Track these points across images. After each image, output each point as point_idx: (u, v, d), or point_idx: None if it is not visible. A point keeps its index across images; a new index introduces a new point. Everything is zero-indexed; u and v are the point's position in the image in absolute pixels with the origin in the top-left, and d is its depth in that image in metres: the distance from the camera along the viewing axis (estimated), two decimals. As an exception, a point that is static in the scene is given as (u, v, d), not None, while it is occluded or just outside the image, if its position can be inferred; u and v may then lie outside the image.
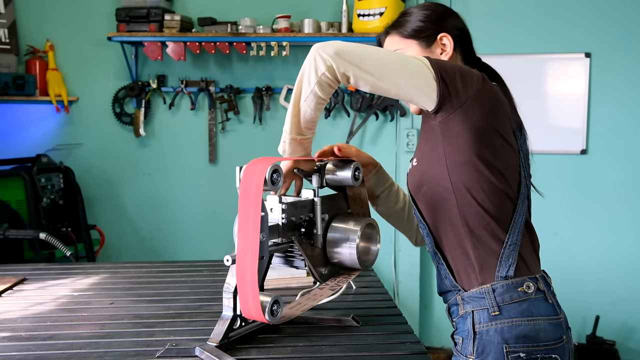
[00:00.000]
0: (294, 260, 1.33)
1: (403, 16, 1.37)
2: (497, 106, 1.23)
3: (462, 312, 1.22)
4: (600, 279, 3.42)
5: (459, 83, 1.16)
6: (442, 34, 1.32)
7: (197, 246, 3.67)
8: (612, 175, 3.39)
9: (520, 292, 1.18)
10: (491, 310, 1.17)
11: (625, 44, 3.33)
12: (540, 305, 1.18)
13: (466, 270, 1.22)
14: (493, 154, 1.21)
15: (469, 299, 1.21)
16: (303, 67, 1.18)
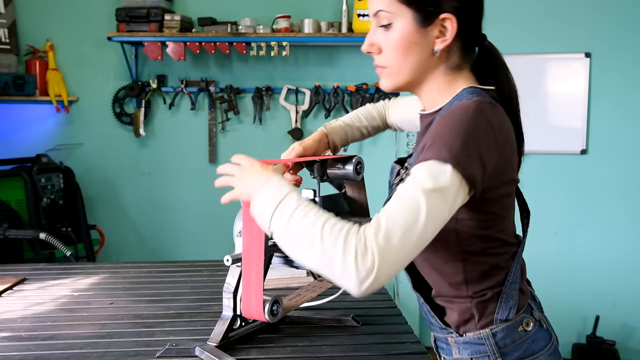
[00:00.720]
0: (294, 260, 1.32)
1: None
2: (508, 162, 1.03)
3: (457, 356, 1.12)
4: (600, 279, 3.42)
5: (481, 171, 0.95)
6: (446, 14, 1.02)
7: (197, 246, 3.67)
8: (612, 175, 3.39)
9: (521, 332, 1.09)
10: (492, 357, 1.08)
11: (625, 44, 3.33)
12: (539, 338, 1.12)
13: (461, 313, 1.10)
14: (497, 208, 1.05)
15: (467, 345, 1.10)
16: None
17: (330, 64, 3.55)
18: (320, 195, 1.31)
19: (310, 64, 3.55)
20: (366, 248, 0.85)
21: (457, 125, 0.94)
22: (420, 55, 1.04)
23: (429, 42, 1.03)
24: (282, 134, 3.57)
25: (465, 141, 0.92)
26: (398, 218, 0.87)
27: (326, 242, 0.87)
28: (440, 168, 0.90)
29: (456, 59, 1.07)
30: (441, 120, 0.99)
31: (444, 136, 0.93)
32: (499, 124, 0.99)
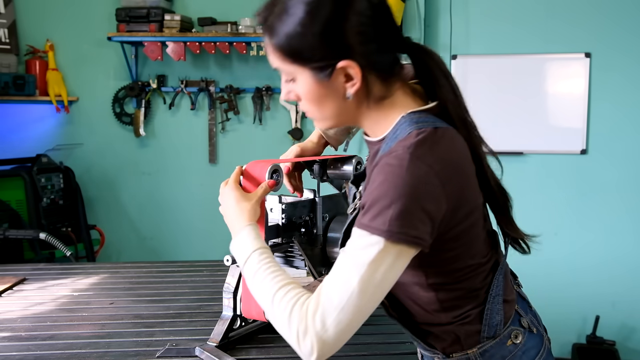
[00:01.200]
0: (294, 260, 1.33)
1: (272, 14, 0.95)
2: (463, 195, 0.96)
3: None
4: (600, 279, 3.42)
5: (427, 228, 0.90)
6: (342, 63, 0.92)
7: (197, 246, 3.67)
8: (612, 175, 3.38)
9: (510, 347, 1.05)
10: None
11: (625, 44, 3.33)
12: (530, 347, 1.08)
13: (445, 336, 1.06)
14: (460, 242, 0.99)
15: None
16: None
17: (330, 64, 3.54)
18: (320, 195, 1.31)
19: (310, 64, 3.55)
20: (306, 330, 0.89)
21: (392, 188, 0.88)
22: (335, 102, 0.97)
23: (338, 89, 0.95)
24: (282, 134, 3.57)
25: (403, 205, 0.87)
26: (334, 297, 0.88)
27: (276, 314, 0.93)
28: (374, 240, 0.87)
29: (379, 89, 0.98)
30: (377, 175, 0.91)
31: (380, 201, 0.88)
32: (442, 160, 0.91)
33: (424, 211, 0.88)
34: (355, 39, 0.92)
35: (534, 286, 3.73)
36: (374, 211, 0.88)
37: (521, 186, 3.42)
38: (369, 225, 0.88)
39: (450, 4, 3.40)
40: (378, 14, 0.94)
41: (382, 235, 0.87)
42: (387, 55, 0.97)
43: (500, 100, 3.41)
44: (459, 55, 3.42)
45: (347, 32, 0.91)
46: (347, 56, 0.92)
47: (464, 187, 0.96)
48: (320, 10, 0.91)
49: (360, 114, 1.00)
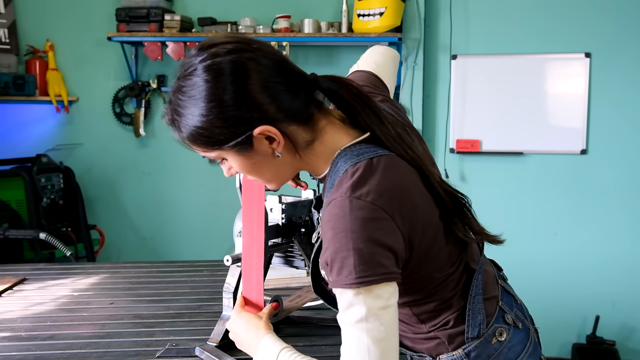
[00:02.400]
0: (294, 260, 1.33)
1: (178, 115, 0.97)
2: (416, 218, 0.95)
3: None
4: (600, 279, 3.42)
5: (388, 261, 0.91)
6: (257, 129, 0.92)
7: (197, 246, 3.67)
8: (612, 175, 3.39)
9: (495, 344, 1.06)
10: None
11: (625, 44, 3.33)
12: (516, 343, 1.09)
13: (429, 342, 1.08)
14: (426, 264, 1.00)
15: None
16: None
17: (330, 64, 3.54)
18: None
19: (310, 64, 3.55)
20: None
21: (343, 238, 0.88)
22: (269, 165, 0.98)
23: (266, 153, 0.96)
24: (282, 134, 3.57)
25: (360, 250, 0.87)
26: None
27: None
28: (352, 293, 0.88)
29: (304, 135, 0.97)
30: (326, 229, 0.91)
31: (338, 254, 0.89)
32: (383, 191, 0.91)
33: (382, 246, 0.89)
34: (261, 103, 0.91)
35: (534, 286, 3.75)
36: (337, 266, 0.89)
37: (521, 186, 3.42)
38: (338, 282, 0.89)
39: (450, 4, 3.40)
40: (274, 71, 0.93)
41: (355, 287, 0.87)
42: (298, 101, 0.95)
43: (500, 101, 3.41)
44: (459, 55, 3.42)
45: (250, 101, 0.91)
46: (258, 122, 0.92)
47: (414, 209, 0.95)
48: (221, 94, 0.90)
49: (297, 163, 1.01)
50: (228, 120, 0.91)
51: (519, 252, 3.41)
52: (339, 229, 0.89)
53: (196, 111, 0.92)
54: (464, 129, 3.43)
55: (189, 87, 0.93)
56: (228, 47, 0.92)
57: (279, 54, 0.98)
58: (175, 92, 0.96)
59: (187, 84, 0.93)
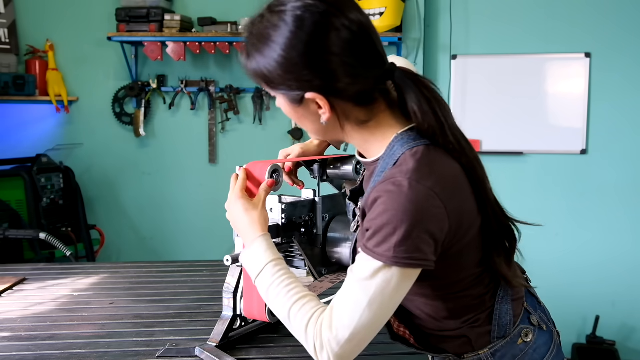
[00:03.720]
0: (294, 260, 1.33)
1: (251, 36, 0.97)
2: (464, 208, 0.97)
3: None
4: (600, 279, 3.42)
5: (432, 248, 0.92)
6: (310, 95, 0.94)
7: (197, 246, 3.67)
8: (611, 175, 3.38)
9: (521, 345, 1.07)
10: None
11: (625, 44, 3.33)
12: (541, 344, 1.10)
13: (455, 341, 1.08)
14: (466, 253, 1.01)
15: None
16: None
17: (330, 64, 3.54)
18: (320, 195, 1.31)
19: (310, 64, 3.55)
20: (322, 346, 0.93)
21: (394, 215, 0.89)
22: (313, 123, 1.00)
23: (313, 114, 0.98)
24: (282, 134, 3.57)
25: (406, 231, 0.88)
26: (345, 317, 0.92)
27: (293, 327, 0.98)
28: (380, 266, 0.90)
29: (358, 114, 0.99)
30: (378, 202, 0.92)
31: (383, 228, 0.90)
32: (441, 179, 0.93)
33: (427, 233, 0.90)
34: (325, 74, 0.92)
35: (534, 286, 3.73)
36: (378, 238, 0.90)
37: (521, 186, 3.42)
38: (373, 251, 0.90)
39: (450, 4, 3.40)
40: (353, 49, 0.93)
41: (388, 262, 0.89)
42: (363, 84, 0.95)
43: (500, 101, 3.41)
44: (459, 55, 3.42)
45: (316, 68, 0.92)
46: (316, 89, 0.94)
47: (464, 203, 0.97)
48: (293, 47, 0.91)
49: (345, 134, 1.02)
50: (289, 74, 0.93)
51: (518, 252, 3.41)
52: (391, 206, 0.89)
53: (266, 52, 0.94)
54: (464, 129, 3.38)
55: (270, 25, 0.93)
56: (322, 8, 0.91)
57: (370, 28, 0.95)
58: (256, 23, 0.96)
59: (271, 21, 0.93)
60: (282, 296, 0.99)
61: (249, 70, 0.99)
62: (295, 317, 0.96)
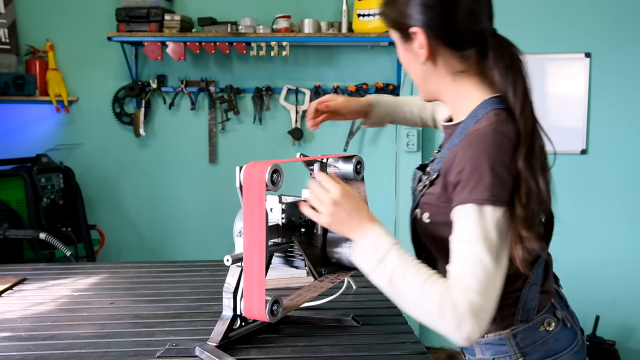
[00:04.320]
0: (294, 260, 1.33)
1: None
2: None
3: (480, 356, 1.15)
4: (600, 278, 3.42)
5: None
6: (412, 29, 1.08)
7: (197, 246, 3.67)
8: (612, 175, 3.39)
9: (542, 332, 1.12)
10: (514, 357, 1.11)
11: (625, 44, 3.33)
12: (562, 337, 1.14)
13: None
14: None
15: (488, 346, 1.13)
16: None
17: (330, 64, 3.55)
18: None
19: (310, 64, 3.55)
20: (463, 317, 0.93)
21: (483, 160, 0.98)
22: (418, 66, 1.12)
23: (417, 54, 1.10)
24: (282, 134, 3.57)
25: (494, 173, 0.97)
26: (473, 280, 0.95)
27: (425, 306, 0.97)
28: (482, 210, 0.97)
29: (455, 63, 1.10)
30: (464, 151, 1.02)
31: (474, 174, 0.98)
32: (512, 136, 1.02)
33: (509, 175, 0.99)
34: (432, 13, 1.05)
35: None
36: (471, 184, 0.98)
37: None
38: (470, 198, 0.97)
39: (450, 4, 3.40)
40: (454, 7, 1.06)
41: (486, 203, 0.97)
42: (471, 31, 1.07)
43: (500, 100, 3.40)
44: (459, 55, 3.42)
45: (425, 6, 1.05)
46: (419, 24, 1.06)
47: None
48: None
49: (441, 85, 1.12)
50: (399, 6, 1.09)
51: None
52: (480, 151, 0.99)
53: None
54: (464, 129, 3.43)
55: None
56: None
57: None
58: None
59: None
60: (410, 277, 0.98)
61: (388, 21, 1.13)
62: (427, 296, 0.96)
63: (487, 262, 0.95)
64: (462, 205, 0.98)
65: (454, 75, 1.10)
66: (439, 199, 1.08)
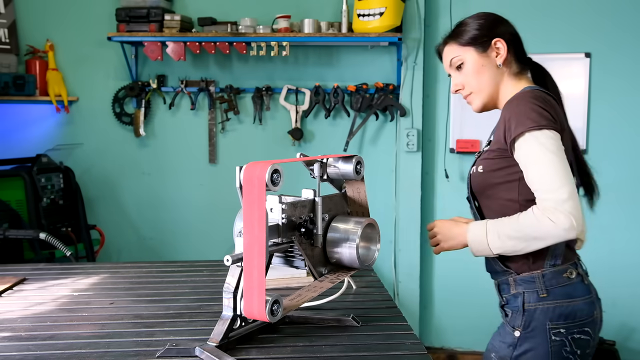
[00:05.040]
0: (294, 260, 1.33)
1: (460, 27, 1.56)
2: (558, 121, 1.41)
3: (514, 291, 1.44)
4: (600, 278, 3.40)
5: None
6: (496, 39, 1.51)
7: (197, 246, 3.68)
8: (611, 175, 3.38)
9: (565, 278, 1.42)
10: (540, 292, 1.40)
11: (625, 44, 3.33)
12: (578, 288, 1.43)
13: (518, 258, 1.42)
14: None
15: (521, 282, 1.43)
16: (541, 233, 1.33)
17: (330, 64, 3.55)
18: (320, 195, 1.31)
19: (310, 64, 3.56)
20: (556, 217, 1.27)
21: (523, 106, 1.38)
22: (490, 71, 1.51)
23: (491, 61, 1.52)
24: (282, 134, 3.57)
25: (538, 110, 1.36)
26: (549, 182, 1.29)
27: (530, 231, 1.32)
28: (534, 135, 1.33)
29: (515, 67, 1.53)
30: (508, 106, 1.42)
31: (520, 115, 1.36)
32: (544, 96, 1.43)
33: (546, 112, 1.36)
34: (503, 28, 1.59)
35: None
36: (521, 121, 1.35)
37: (521, 186, 3.41)
38: (522, 130, 1.33)
39: (450, 4, 3.41)
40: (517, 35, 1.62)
41: (535, 128, 1.33)
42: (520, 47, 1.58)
43: (500, 100, 3.41)
44: (459, 55, 3.42)
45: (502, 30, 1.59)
46: (500, 36, 1.53)
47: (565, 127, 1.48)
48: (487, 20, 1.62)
49: (502, 85, 1.52)
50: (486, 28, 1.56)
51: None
52: (520, 101, 1.40)
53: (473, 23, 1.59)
54: (464, 129, 3.43)
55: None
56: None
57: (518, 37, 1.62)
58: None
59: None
60: (511, 226, 1.34)
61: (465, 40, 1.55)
62: (523, 226, 1.32)
63: (556, 167, 1.28)
64: (519, 138, 1.34)
65: (513, 75, 1.53)
66: (491, 153, 1.43)
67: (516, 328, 1.42)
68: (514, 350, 1.41)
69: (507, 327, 1.44)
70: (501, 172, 1.41)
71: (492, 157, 1.43)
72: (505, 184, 1.41)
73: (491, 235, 1.36)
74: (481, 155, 1.49)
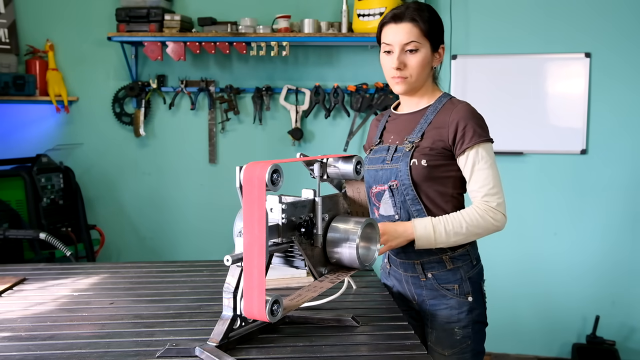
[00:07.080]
0: (294, 260, 1.33)
1: (426, 12, 1.63)
2: None
3: (451, 266, 1.64)
4: (599, 279, 3.42)
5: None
6: (442, 45, 1.68)
7: (197, 246, 3.68)
8: (612, 175, 3.39)
9: (475, 244, 1.70)
10: (474, 262, 1.67)
11: (625, 45, 3.33)
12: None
13: None
14: None
15: (458, 257, 1.65)
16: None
17: (330, 64, 3.55)
18: (320, 195, 1.31)
19: (310, 64, 3.56)
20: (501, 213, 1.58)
21: (475, 119, 1.60)
22: (428, 68, 1.66)
23: (432, 62, 1.66)
24: (282, 134, 3.57)
25: (484, 127, 1.61)
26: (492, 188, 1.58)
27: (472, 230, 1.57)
28: (485, 146, 1.58)
29: (433, 72, 1.72)
30: (456, 113, 1.60)
31: (471, 126, 1.57)
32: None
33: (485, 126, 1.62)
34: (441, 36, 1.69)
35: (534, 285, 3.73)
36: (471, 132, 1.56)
37: (521, 186, 3.42)
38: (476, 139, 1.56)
39: (450, 4, 3.41)
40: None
41: (484, 141, 1.57)
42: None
43: (500, 100, 3.41)
44: (459, 55, 3.42)
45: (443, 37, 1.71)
46: (442, 42, 1.69)
47: None
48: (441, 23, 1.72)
49: (424, 84, 1.68)
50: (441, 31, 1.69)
51: (519, 252, 3.41)
52: (471, 114, 1.60)
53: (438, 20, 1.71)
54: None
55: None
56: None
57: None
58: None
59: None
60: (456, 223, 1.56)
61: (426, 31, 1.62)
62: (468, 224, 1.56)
63: (497, 175, 1.58)
64: (472, 148, 1.56)
65: (432, 77, 1.72)
66: (433, 150, 1.59)
67: (467, 295, 1.64)
68: (471, 312, 1.64)
69: (459, 298, 1.64)
70: (442, 168, 1.60)
71: (435, 154, 1.60)
72: (442, 178, 1.61)
73: (438, 232, 1.55)
74: (419, 149, 1.61)
